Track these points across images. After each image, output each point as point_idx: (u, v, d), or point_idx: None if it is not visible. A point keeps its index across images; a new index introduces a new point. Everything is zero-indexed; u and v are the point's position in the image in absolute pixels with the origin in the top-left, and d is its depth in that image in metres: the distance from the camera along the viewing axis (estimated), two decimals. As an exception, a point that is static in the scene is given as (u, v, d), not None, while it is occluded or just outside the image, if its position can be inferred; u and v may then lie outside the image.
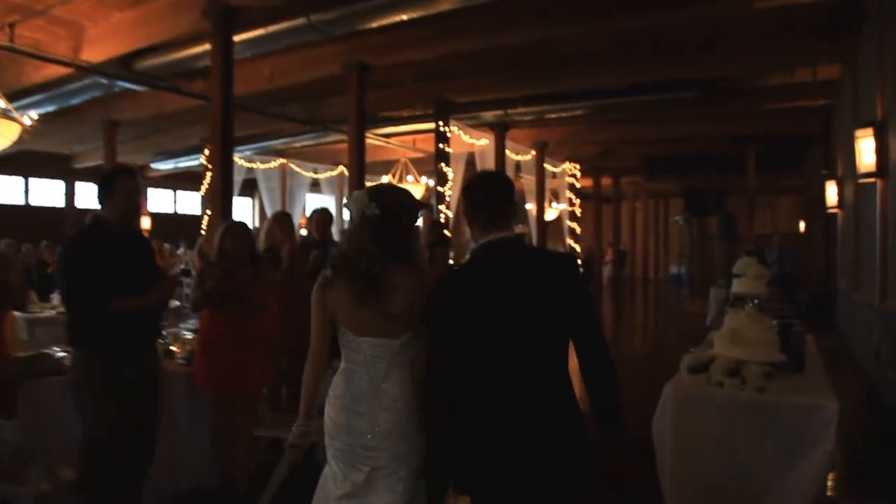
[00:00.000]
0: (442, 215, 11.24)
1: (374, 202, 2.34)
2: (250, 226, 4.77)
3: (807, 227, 15.77)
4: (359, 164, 9.62)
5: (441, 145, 11.20)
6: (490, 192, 2.27)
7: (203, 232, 13.93)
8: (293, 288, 4.91)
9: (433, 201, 11.51)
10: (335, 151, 17.53)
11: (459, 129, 12.02)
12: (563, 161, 17.19)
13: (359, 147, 9.68)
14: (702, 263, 15.46)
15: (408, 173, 15.57)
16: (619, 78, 10.05)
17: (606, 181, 21.55)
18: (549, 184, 17.18)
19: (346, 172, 18.78)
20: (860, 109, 8.60)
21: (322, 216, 5.79)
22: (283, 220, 5.52)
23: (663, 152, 15.94)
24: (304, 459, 2.52)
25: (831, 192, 10.86)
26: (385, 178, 15.77)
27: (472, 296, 2.19)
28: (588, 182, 20.35)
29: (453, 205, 11.76)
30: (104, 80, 9.33)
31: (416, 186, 15.32)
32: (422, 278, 2.38)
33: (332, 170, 18.28)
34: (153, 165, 18.46)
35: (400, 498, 2.29)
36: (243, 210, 23.37)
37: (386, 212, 2.35)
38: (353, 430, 2.34)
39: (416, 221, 2.52)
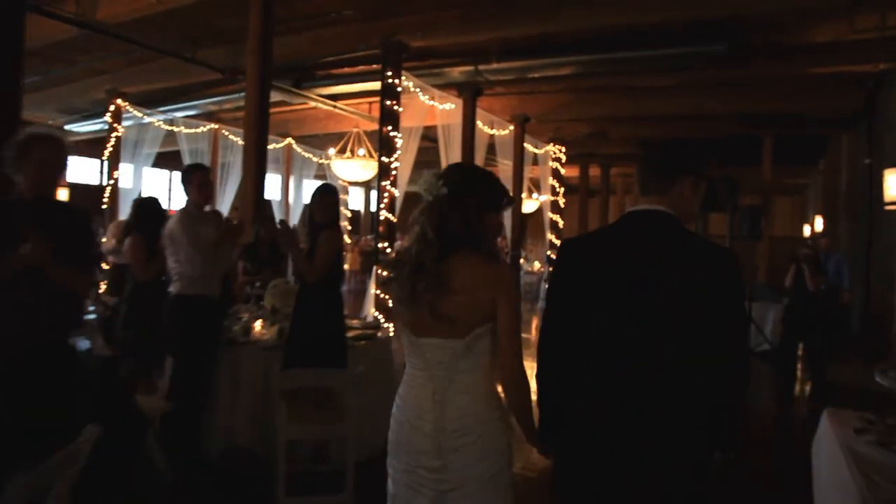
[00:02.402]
0: (386, 194, 8.67)
1: (443, 180, 2.13)
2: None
3: (831, 229, 13.41)
4: (259, 131, 6.97)
5: (389, 102, 8.61)
6: (662, 158, 2.00)
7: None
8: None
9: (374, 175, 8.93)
10: (282, 120, 14.94)
11: (416, 86, 9.44)
12: (547, 142, 14.70)
13: (259, 106, 6.99)
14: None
15: (360, 146, 12.98)
16: (621, 16, 7.56)
17: (594, 171, 19.14)
18: (530, 171, 14.72)
19: (295, 145, 16.69)
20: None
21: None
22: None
23: (662, 134, 13.53)
24: None
25: (892, 183, 8.47)
26: (331, 151, 13.22)
27: (603, 266, 1.89)
28: (574, 171, 17.94)
29: (402, 184, 9.21)
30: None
31: (369, 162, 12.71)
32: (492, 269, 2.09)
33: (277, 142, 15.66)
34: (67, 127, 15.66)
35: None
36: (158, 183, 20.17)
37: (455, 192, 2.11)
38: (415, 449, 2.09)
39: (497, 207, 2.18)
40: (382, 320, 8.59)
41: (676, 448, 1.78)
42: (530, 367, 2.02)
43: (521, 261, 20.06)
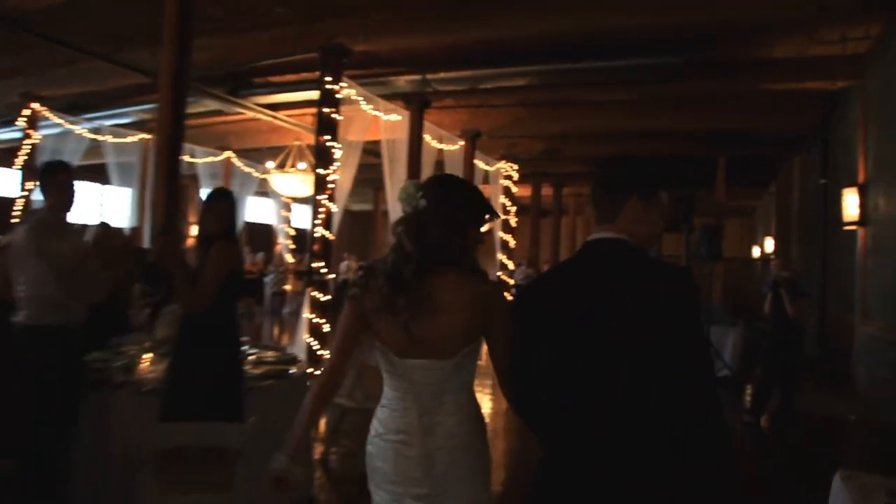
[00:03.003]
0: (322, 209, 7.98)
1: (423, 191, 2.04)
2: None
3: (782, 250, 13.22)
4: (172, 138, 6.20)
5: (327, 109, 7.95)
6: (609, 182, 1.90)
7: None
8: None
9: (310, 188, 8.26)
10: (221, 132, 14.13)
11: (359, 95, 8.82)
12: (499, 159, 14.22)
13: (173, 109, 6.22)
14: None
15: (301, 160, 12.25)
16: (577, 22, 7.11)
17: (547, 191, 18.76)
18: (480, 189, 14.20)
19: (235, 159, 15.83)
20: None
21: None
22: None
23: (616, 152, 13.17)
24: None
25: (850, 203, 8.17)
26: (270, 165, 12.48)
27: (561, 303, 1.80)
28: (526, 191, 17.50)
29: (341, 199, 8.55)
30: None
31: (310, 176, 11.97)
32: (481, 287, 2.01)
33: (214, 154, 14.80)
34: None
35: None
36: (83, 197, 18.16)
37: (437, 203, 2.02)
38: (402, 477, 1.98)
39: (477, 222, 2.10)
40: (317, 347, 7.87)
41: (651, 484, 1.65)
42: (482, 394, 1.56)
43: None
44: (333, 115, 7.98)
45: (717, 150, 12.60)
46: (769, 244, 16.21)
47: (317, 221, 7.90)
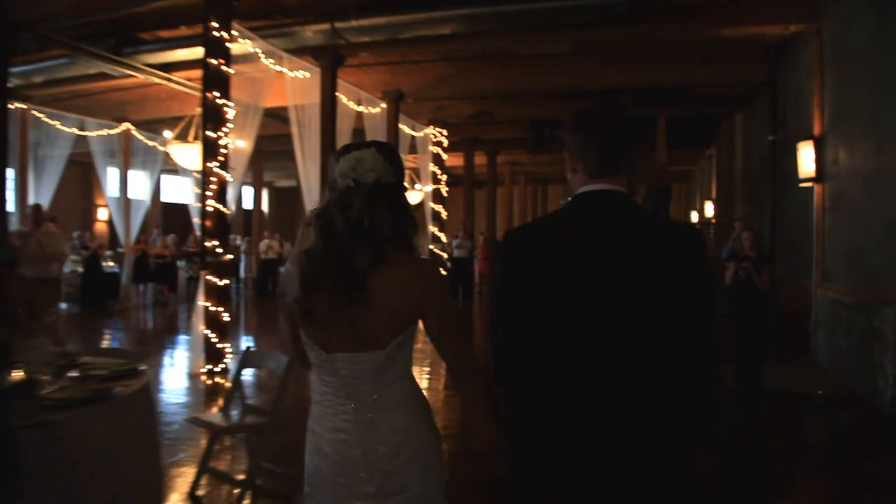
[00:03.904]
0: (214, 179, 6.78)
1: (392, 165, 1.83)
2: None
3: (724, 214, 12.68)
4: None
5: (215, 61, 6.72)
6: (609, 128, 1.73)
7: None
8: None
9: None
10: (117, 101, 12.62)
11: (257, 47, 7.61)
12: (426, 124, 13.16)
13: None
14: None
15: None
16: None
17: (480, 159, 17.83)
18: (409, 160, 13.16)
19: (135, 131, 14.26)
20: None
21: None
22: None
23: (553, 114, 12.34)
24: None
25: (806, 158, 7.49)
26: (167, 134, 11.12)
27: (560, 254, 1.68)
28: (458, 160, 16.54)
29: (239, 168, 7.39)
30: None
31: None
32: (418, 269, 1.82)
33: (110, 127, 13.24)
34: None
35: None
36: None
37: (400, 178, 1.85)
38: (346, 477, 1.82)
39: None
40: (215, 339, 6.73)
41: (656, 446, 1.62)
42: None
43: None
44: (223, 68, 6.75)
45: (656, 108, 11.89)
46: (709, 208, 15.76)
47: (208, 193, 6.69)
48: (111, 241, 17.11)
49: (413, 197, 16.30)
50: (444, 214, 13.89)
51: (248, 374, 5.46)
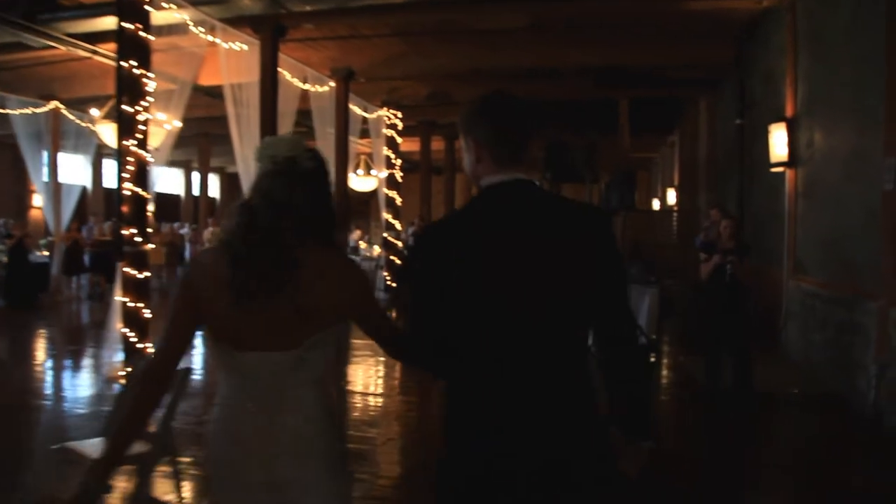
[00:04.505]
0: (131, 159, 6.03)
1: (313, 153, 1.80)
2: None
3: (687, 202, 12.33)
4: None
5: (132, 25, 5.94)
6: (514, 120, 1.72)
7: None
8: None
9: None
10: (44, 77, 11.64)
11: (185, 13, 6.86)
12: (380, 106, 12.48)
13: None
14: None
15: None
16: None
17: (437, 145, 17.19)
18: (355, 147, 12.50)
19: (65, 111, 13.24)
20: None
21: None
22: None
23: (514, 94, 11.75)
24: None
25: (778, 141, 7.06)
26: (94, 112, 10.24)
27: (479, 245, 1.67)
28: (415, 145, 15.89)
29: (164, 149, 6.68)
30: None
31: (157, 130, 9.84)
32: (343, 266, 1.80)
33: (36, 105, 12.23)
34: None
35: None
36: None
37: (320, 164, 1.81)
38: (244, 485, 1.73)
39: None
40: (134, 338, 6.02)
41: (576, 428, 1.67)
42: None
43: (362, 244, 17.90)
44: (142, 34, 5.99)
45: (619, 91, 11.42)
46: (671, 196, 15.44)
47: (124, 175, 5.94)
48: (47, 229, 16.09)
49: (368, 183, 15.64)
50: (398, 201, 13.24)
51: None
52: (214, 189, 27.02)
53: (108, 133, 10.05)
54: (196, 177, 22.54)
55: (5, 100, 11.61)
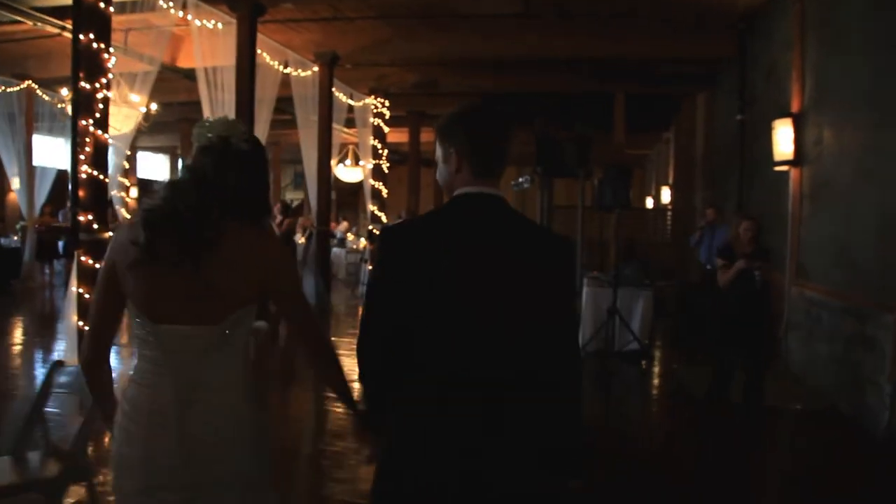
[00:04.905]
0: (88, 140, 5.55)
1: (249, 135, 1.84)
2: None
3: (680, 199, 11.94)
4: None
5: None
6: (498, 133, 1.74)
7: None
8: None
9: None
10: (17, 55, 11.11)
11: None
12: (367, 94, 11.99)
13: None
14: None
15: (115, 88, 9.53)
16: None
17: (427, 136, 16.71)
18: (340, 137, 12.02)
19: (40, 91, 12.67)
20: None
21: None
22: None
23: (502, 86, 11.36)
24: None
25: (783, 138, 6.65)
26: (66, 93, 9.73)
27: (444, 256, 1.67)
28: (403, 136, 15.43)
29: (126, 132, 6.22)
30: None
31: (126, 110, 9.31)
32: (266, 243, 1.81)
33: (9, 84, 11.67)
34: None
35: None
36: None
37: (256, 147, 1.85)
38: (155, 466, 1.68)
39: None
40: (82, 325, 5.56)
41: (515, 448, 1.65)
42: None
43: (350, 236, 17.41)
44: (101, 5, 5.50)
45: (614, 84, 11.00)
46: (666, 195, 15.06)
47: (81, 157, 5.47)
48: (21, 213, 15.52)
49: (355, 174, 15.18)
50: (384, 193, 12.77)
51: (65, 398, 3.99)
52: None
53: (77, 115, 9.55)
54: (181, 163, 22.01)
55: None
